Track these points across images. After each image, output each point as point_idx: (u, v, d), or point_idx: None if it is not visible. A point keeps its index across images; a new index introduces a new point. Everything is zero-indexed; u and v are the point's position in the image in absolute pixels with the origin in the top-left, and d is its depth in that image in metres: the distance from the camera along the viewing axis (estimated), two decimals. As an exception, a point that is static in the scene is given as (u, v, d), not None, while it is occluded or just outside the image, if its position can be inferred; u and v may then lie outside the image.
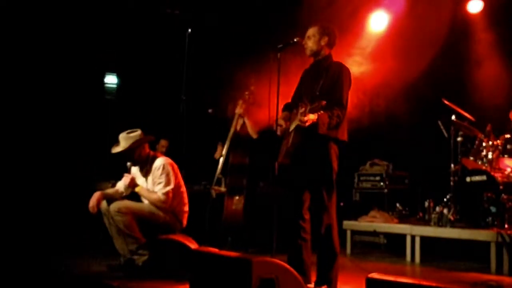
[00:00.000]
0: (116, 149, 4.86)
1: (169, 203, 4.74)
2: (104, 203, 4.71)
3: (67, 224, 6.29)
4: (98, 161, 7.05)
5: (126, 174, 4.92)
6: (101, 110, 8.10)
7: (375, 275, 2.71)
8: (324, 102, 3.70)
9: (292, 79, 4.41)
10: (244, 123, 6.17)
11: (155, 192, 4.76)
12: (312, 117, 3.69)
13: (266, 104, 4.27)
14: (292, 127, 3.99)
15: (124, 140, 4.84)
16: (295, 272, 3.24)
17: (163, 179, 4.75)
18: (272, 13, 7.33)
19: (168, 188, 4.74)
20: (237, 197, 5.94)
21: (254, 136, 6.03)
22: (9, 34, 6.99)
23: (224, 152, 6.13)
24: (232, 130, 6.16)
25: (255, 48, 6.62)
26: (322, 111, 3.72)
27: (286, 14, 6.82)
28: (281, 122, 4.09)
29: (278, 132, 4.11)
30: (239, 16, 7.64)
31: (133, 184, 4.85)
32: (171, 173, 4.80)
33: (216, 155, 6.29)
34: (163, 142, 7.32)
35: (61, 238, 6.11)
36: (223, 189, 6.05)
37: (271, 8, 7.34)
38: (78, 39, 7.56)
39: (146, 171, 4.92)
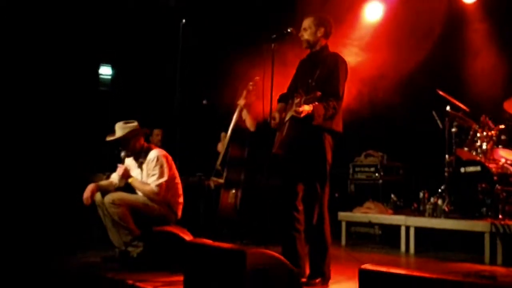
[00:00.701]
0: (111, 137, 4.86)
1: (161, 195, 4.73)
2: (98, 195, 4.70)
3: (61, 217, 6.26)
4: (93, 153, 7.03)
5: (120, 165, 4.91)
6: (96, 102, 8.06)
7: (368, 266, 2.70)
8: (319, 93, 3.68)
9: (288, 70, 4.38)
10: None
11: (148, 184, 4.74)
12: (307, 108, 3.68)
13: (262, 95, 4.24)
14: (287, 117, 3.98)
15: (120, 129, 4.84)
16: (289, 264, 3.24)
17: (156, 171, 4.74)
18: (268, 3, 7.30)
19: (162, 180, 4.72)
20: (233, 191, 5.88)
21: (252, 129, 5.91)
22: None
23: (225, 143, 6.05)
24: (233, 121, 6.03)
25: (250, 38, 6.58)
26: (317, 102, 3.71)
27: (283, 4, 6.80)
28: (275, 115, 4.05)
29: (272, 125, 4.08)
30: (234, 5, 7.60)
31: (126, 174, 4.84)
32: (165, 165, 4.79)
33: (219, 148, 6.15)
34: (157, 131, 7.28)
35: (55, 230, 6.08)
36: (221, 180, 6.00)
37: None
38: (72, 30, 7.51)
39: (140, 163, 4.91)
